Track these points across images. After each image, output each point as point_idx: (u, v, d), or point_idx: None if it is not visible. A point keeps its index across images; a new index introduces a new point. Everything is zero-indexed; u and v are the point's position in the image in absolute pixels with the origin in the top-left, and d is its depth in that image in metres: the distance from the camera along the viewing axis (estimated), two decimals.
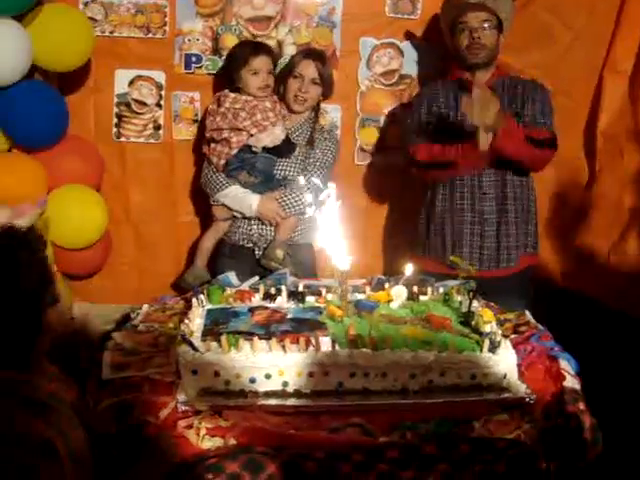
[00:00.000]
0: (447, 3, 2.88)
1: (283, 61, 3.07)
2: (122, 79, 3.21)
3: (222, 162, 2.88)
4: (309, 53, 2.97)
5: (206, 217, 3.11)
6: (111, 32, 3.14)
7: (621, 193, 3.08)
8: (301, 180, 2.57)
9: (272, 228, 2.89)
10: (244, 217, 2.89)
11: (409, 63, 3.33)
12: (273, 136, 2.85)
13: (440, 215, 2.88)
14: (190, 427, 1.58)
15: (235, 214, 2.91)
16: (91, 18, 3.08)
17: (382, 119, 3.37)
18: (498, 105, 2.56)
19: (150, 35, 3.17)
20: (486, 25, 2.76)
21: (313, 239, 2.99)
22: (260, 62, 2.86)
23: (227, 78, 2.97)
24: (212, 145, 2.91)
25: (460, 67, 2.87)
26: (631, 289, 3.03)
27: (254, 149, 2.86)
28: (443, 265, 2.74)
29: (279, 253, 2.80)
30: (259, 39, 3.17)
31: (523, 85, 2.85)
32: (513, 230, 2.82)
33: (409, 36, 3.29)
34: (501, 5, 2.77)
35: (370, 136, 3.38)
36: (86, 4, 3.09)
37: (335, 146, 2.97)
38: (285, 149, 2.88)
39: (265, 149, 2.86)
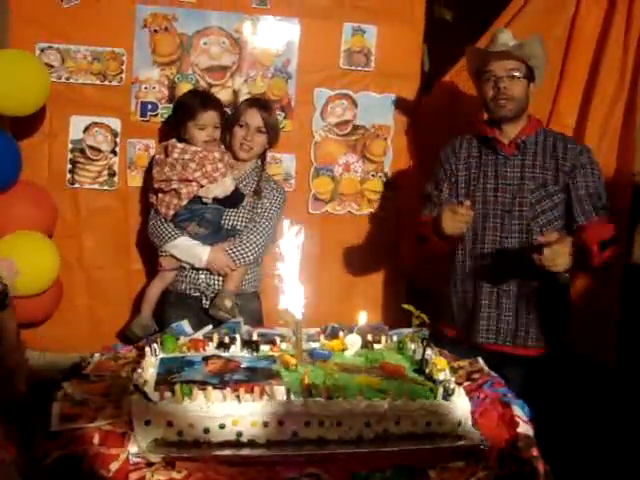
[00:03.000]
0: (470, 51, 2.70)
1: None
2: (77, 125, 3.21)
3: (171, 212, 2.87)
4: (254, 102, 3.01)
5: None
6: (67, 78, 3.15)
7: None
8: None
9: (220, 277, 2.89)
10: (192, 267, 2.89)
11: (363, 114, 3.40)
12: (224, 187, 2.86)
13: (462, 279, 2.74)
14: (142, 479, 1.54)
15: (183, 264, 2.90)
16: (47, 64, 3.09)
17: (336, 169, 3.42)
18: (569, 246, 2.29)
19: (106, 82, 3.19)
20: (515, 74, 2.54)
21: (259, 288, 3.00)
22: (208, 117, 2.87)
23: (174, 126, 2.98)
24: (160, 195, 2.90)
25: (486, 120, 2.71)
26: (585, 334, 3.09)
27: (204, 200, 2.86)
28: (453, 329, 2.75)
29: (228, 303, 2.80)
30: (215, 88, 3.22)
31: (564, 145, 2.61)
32: (535, 310, 2.61)
33: (363, 88, 3.36)
34: (529, 51, 2.54)
35: (324, 185, 3.42)
36: (43, 50, 3.10)
37: (282, 196, 3.00)
38: (235, 199, 2.89)
39: (214, 200, 2.87)
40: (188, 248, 2.85)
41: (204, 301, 2.90)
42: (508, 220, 2.61)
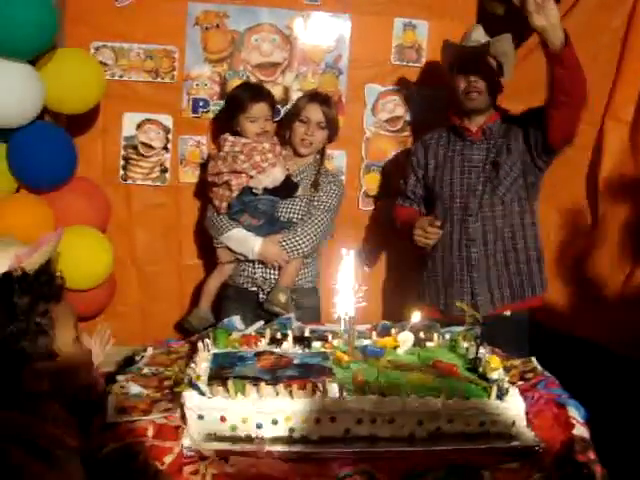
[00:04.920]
0: (445, 46, 2.83)
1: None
2: (130, 122, 3.26)
3: (224, 205, 2.89)
4: (315, 97, 2.98)
5: (210, 260, 3.12)
6: (120, 76, 3.20)
7: (624, 238, 3.09)
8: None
9: (276, 272, 2.89)
10: (247, 260, 2.89)
11: (414, 110, 3.37)
12: (272, 177, 2.86)
13: (433, 262, 2.88)
14: (196, 473, 1.55)
15: (238, 257, 2.91)
16: (102, 62, 3.14)
17: (386, 165, 3.41)
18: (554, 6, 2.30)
19: (159, 79, 3.23)
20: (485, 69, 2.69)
21: (317, 283, 3.00)
22: (258, 109, 2.88)
23: (226, 120, 3.01)
24: (214, 189, 2.93)
25: (456, 112, 2.84)
26: (637, 334, 3.02)
27: (255, 191, 2.87)
28: (437, 311, 2.80)
29: (282, 297, 2.79)
30: (266, 85, 3.22)
31: (517, 116, 2.78)
32: (505, 274, 2.77)
33: (414, 83, 3.34)
34: (500, 48, 2.69)
35: (375, 182, 3.41)
36: (97, 49, 3.17)
37: (340, 190, 2.98)
38: (286, 190, 2.89)
39: (267, 191, 2.87)
40: (241, 239, 2.87)
41: (261, 295, 2.90)
42: (473, 199, 2.76)
